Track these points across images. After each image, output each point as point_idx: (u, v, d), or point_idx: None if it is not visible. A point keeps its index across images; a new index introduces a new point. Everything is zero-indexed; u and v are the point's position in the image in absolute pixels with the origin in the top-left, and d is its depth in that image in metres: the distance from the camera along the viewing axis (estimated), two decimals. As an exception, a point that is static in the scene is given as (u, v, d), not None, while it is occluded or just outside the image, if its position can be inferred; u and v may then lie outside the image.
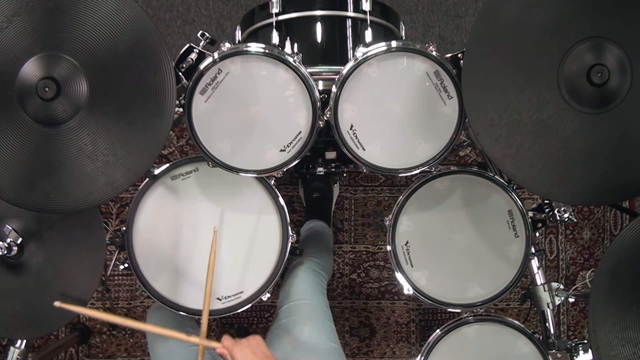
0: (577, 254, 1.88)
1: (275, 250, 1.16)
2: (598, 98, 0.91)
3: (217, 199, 1.17)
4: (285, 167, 1.08)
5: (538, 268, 1.23)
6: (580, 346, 1.19)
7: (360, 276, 1.87)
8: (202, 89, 1.04)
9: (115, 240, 1.19)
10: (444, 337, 1.17)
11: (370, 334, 1.87)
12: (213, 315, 1.16)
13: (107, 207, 1.84)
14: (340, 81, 1.04)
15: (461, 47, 1.54)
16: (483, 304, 1.16)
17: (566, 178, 0.94)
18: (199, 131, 1.06)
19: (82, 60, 0.91)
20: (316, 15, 1.21)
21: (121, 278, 1.86)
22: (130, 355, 1.86)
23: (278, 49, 1.06)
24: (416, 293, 1.16)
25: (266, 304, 1.75)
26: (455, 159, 1.82)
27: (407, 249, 1.16)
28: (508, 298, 1.85)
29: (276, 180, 1.17)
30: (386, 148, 1.08)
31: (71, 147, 0.92)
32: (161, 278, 1.16)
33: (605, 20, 0.90)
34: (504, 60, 0.93)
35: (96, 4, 0.90)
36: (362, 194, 1.88)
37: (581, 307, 1.88)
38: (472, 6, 1.94)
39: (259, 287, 1.16)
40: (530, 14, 0.91)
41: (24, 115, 0.91)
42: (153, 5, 1.93)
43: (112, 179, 0.93)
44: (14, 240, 1.05)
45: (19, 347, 1.20)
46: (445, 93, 1.05)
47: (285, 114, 1.06)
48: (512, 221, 1.15)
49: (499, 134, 0.94)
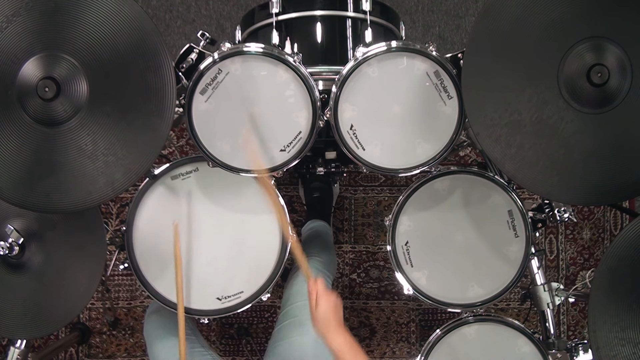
0: (577, 254, 1.88)
1: (275, 250, 1.16)
2: (598, 98, 0.91)
3: (217, 199, 1.17)
4: (285, 167, 1.08)
5: (538, 268, 1.23)
6: (580, 346, 1.19)
7: (360, 276, 1.87)
8: (202, 89, 1.04)
9: (115, 240, 1.19)
10: (444, 337, 1.17)
11: (370, 334, 1.87)
12: (213, 315, 1.16)
13: (107, 207, 1.84)
14: (340, 81, 1.04)
15: (461, 47, 1.54)
16: (483, 304, 1.16)
17: (566, 178, 0.94)
18: (199, 131, 1.06)
19: (82, 60, 0.91)
20: (316, 15, 1.21)
21: (121, 278, 1.86)
22: (130, 355, 1.86)
23: (278, 49, 1.06)
24: (416, 293, 1.16)
25: (266, 304, 1.75)
26: (455, 159, 1.82)
27: (407, 249, 1.16)
28: (508, 298, 1.85)
29: (276, 180, 1.17)
30: (386, 148, 1.08)
31: (71, 147, 0.92)
32: (161, 278, 1.16)
33: (605, 20, 0.90)
34: (504, 60, 0.93)
35: (96, 4, 0.90)
36: (362, 194, 1.88)
37: (581, 307, 1.88)
38: (472, 6, 1.93)
39: (259, 287, 1.16)
40: (530, 14, 0.91)
41: (24, 115, 0.91)
42: (153, 5, 1.93)
43: (112, 179, 0.93)
44: (16, 241, 1.05)
45: (19, 347, 1.20)
46: (445, 93, 1.05)
47: (285, 114, 1.06)
48: (512, 221, 1.15)
49: (499, 134, 0.94)
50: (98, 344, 1.85)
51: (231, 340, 1.86)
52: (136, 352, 1.85)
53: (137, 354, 1.85)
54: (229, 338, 1.86)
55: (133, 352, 1.86)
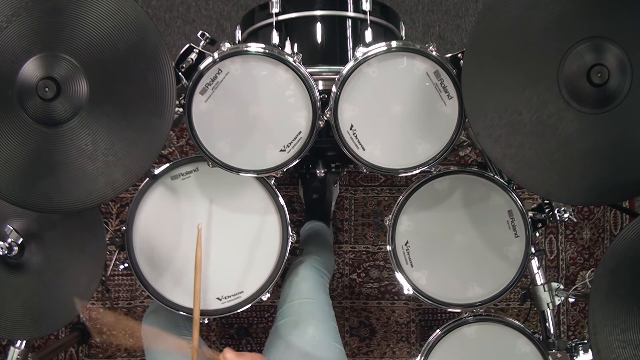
0: (577, 254, 1.88)
1: (275, 250, 1.16)
2: (598, 98, 0.91)
3: (217, 199, 1.17)
4: (285, 167, 1.08)
5: (538, 268, 1.23)
6: (580, 346, 1.19)
7: (360, 276, 1.87)
8: (202, 89, 1.04)
9: (115, 240, 1.19)
10: (444, 337, 1.17)
11: (370, 334, 1.87)
12: (213, 315, 1.16)
13: (107, 207, 1.84)
14: (340, 81, 1.04)
15: (461, 47, 1.54)
16: (483, 304, 1.16)
17: (566, 178, 0.94)
18: (199, 131, 1.06)
19: (82, 60, 0.91)
20: (316, 15, 1.21)
21: (121, 278, 1.86)
22: (130, 355, 1.86)
23: (278, 49, 1.06)
24: (416, 293, 1.16)
25: (266, 304, 1.75)
26: (455, 159, 1.82)
27: (407, 249, 1.16)
28: (508, 298, 1.85)
29: (276, 180, 1.17)
30: (386, 148, 1.08)
31: (71, 147, 0.92)
32: (161, 278, 1.16)
33: (605, 20, 0.90)
34: (504, 60, 0.93)
35: (96, 4, 0.90)
36: (362, 194, 1.88)
37: (581, 307, 1.88)
38: (472, 6, 1.94)
39: (259, 287, 1.16)
40: (531, 14, 0.91)
41: (24, 115, 0.91)
42: (153, 5, 1.93)
43: (112, 179, 0.93)
44: (15, 241, 1.05)
45: (19, 347, 1.20)
46: (445, 93, 1.05)
47: (285, 114, 1.06)
48: (512, 221, 1.15)
49: (499, 134, 0.94)
50: (98, 344, 1.85)
51: (231, 340, 1.86)
52: (136, 352, 1.85)
53: (137, 354, 1.85)
54: (229, 338, 1.86)
55: (133, 352, 1.86)
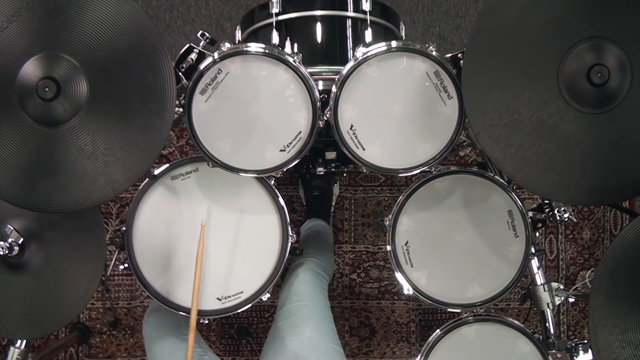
0: (577, 254, 1.88)
1: (275, 250, 1.16)
2: (598, 98, 0.91)
3: (217, 199, 1.16)
4: (285, 167, 1.08)
5: (538, 268, 1.23)
6: (580, 346, 1.19)
7: (360, 276, 1.87)
8: (202, 89, 1.04)
9: (115, 240, 1.19)
10: (444, 337, 1.17)
11: (370, 334, 1.87)
12: (213, 315, 1.16)
13: (107, 207, 1.84)
14: (340, 81, 1.04)
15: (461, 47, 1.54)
16: (483, 304, 1.16)
17: (566, 178, 0.94)
18: (199, 131, 1.06)
19: (82, 60, 0.91)
20: (316, 15, 1.21)
21: (121, 278, 1.86)
22: (130, 355, 1.86)
23: (278, 49, 1.06)
24: (416, 293, 1.16)
25: (266, 304, 1.75)
26: (455, 159, 1.82)
27: (407, 249, 1.16)
28: (508, 298, 1.85)
29: (276, 180, 1.17)
30: (386, 148, 1.08)
31: (71, 147, 0.92)
32: (161, 278, 1.16)
33: (605, 20, 0.90)
34: (504, 60, 0.93)
35: (96, 4, 0.90)
36: (362, 194, 1.88)
37: (581, 307, 1.88)
38: (472, 6, 1.94)
39: (259, 287, 1.16)
40: (531, 14, 0.91)
41: (24, 115, 0.91)
42: (153, 5, 1.93)
43: (112, 179, 0.93)
44: (15, 240, 1.05)
45: (19, 347, 1.20)
46: (445, 93, 1.05)
47: (285, 114, 1.06)
48: (512, 221, 1.15)
49: (499, 134, 0.94)
50: (98, 344, 1.85)
51: (231, 340, 1.86)
52: (136, 352, 1.85)
53: (137, 354, 1.85)
54: (229, 338, 1.86)
55: (133, 352, 1.86)
